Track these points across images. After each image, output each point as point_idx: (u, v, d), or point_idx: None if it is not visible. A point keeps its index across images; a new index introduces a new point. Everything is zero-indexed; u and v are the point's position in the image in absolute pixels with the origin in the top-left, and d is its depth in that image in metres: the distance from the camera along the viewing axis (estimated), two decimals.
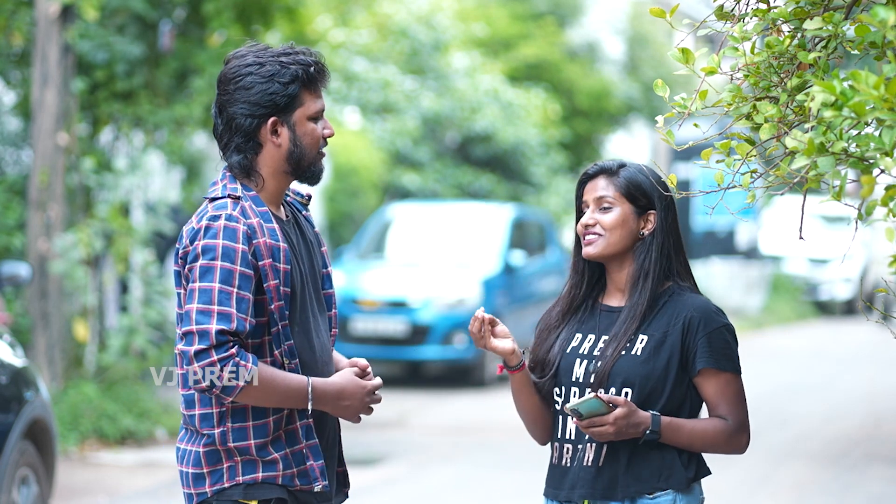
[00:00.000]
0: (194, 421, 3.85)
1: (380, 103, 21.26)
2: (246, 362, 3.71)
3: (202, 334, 3.70)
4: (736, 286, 26.23)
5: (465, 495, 9.69)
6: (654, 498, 3.92)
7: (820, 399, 15.20)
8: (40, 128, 11.77)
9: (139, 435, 11.54)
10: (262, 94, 3.83)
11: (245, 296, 3.75)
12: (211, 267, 3.75)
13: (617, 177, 4.02)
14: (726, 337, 3.97)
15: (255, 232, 3.79)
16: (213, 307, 3.72)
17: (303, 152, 3.88)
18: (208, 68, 12.31)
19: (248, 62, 3.85)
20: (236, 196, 3.83)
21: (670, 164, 25.40)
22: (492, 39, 24.74)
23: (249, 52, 3.89)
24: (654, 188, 4.02)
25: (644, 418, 3.87)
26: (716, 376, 3.95)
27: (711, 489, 9.50)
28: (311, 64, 3.87)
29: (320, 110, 3.90)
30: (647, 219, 4.03)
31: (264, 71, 3.83)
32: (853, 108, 2.96)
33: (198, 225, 3.80)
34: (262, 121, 3.84)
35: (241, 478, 3.81)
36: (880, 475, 10.69)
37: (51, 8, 11.74)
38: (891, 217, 3.15)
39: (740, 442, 3.98)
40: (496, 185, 21.63)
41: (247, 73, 3.84)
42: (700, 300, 4.00)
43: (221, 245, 3.75)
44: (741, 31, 3.34)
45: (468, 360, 15.56)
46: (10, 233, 12.04)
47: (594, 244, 4.02)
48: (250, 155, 3.87)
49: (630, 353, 3.95)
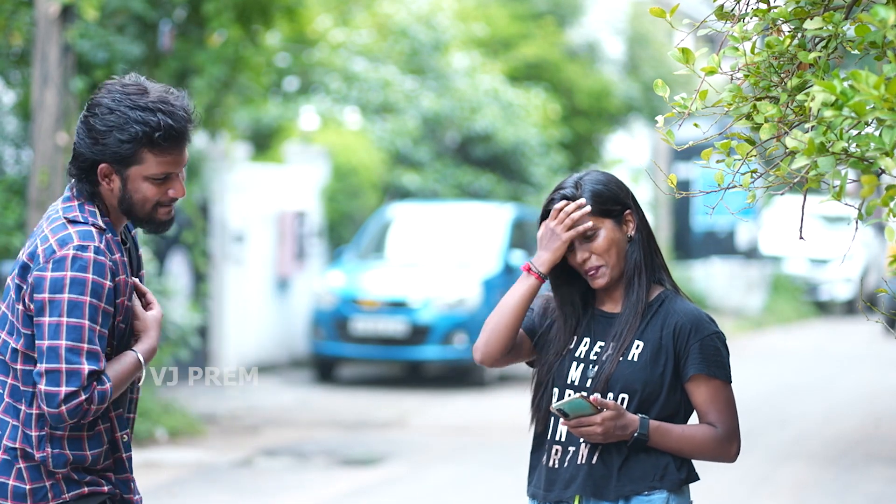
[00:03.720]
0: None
1: (380, 103, 21.25)
2: (104, 385, 3.71)
3: (72, 374, 3.66)
4: (736, 286, 26.23)
5: (465, 495, 9.68)
6: (649, 496, 3.91)
7: (820, 399, 15.19)
8: (40, 128, 11.77)
9: (139, 435, 11.54)
10: (99, 139, 3.73)
11: (105, 333, 3.74)
12: (80, 302, 3.68)
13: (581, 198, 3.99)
14: (717, 344, 3.95)
15: (117, 269, 3.76)
16: (83, 345, 3.67)
17: (132, 206, 3.80)
18: (208, 68, 12.31)
19: (105, 101, 3.75)
20: (101, 227, 3.76)
21: (670, 164, 25.40)
22: (492, 39, 24.72)
23: (115, 90, 3.77)
24: (616, 190, 4.00)
25: (632, 421, 3.87)
26: (706, 383, 3.94)
27: (711, 489, 9.50)
28: (164, 128, 3.72)
29: (164, 172, 3.77)
30: (627, 221, 4.01)
31: (110, 119, 3.72)
32: (853, 108, 2.95)
33: (60, 251, 3.70)
34: (97, 161, 3.75)
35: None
36: (880, 475, 10.68)
37: (51, 8, 11.73)
38: (891, 217, 3.14)
39: (730, 450, 3.96)
40: (496, 185, 21.61)
41: (97, 112, 3.75)
42: (691, 307, 3.99)
43: (91, 280, 3.68)
44: (741, 30, 3.34)
45: (468, 360, 15.55)
46: (9, 233, 12.04)
47: (601, 276, 3.99)
48: (92, 184, 3.80)
49: (627, 360, 3.94)
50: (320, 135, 19.18)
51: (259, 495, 9.83)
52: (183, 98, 3.81)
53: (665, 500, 3.92)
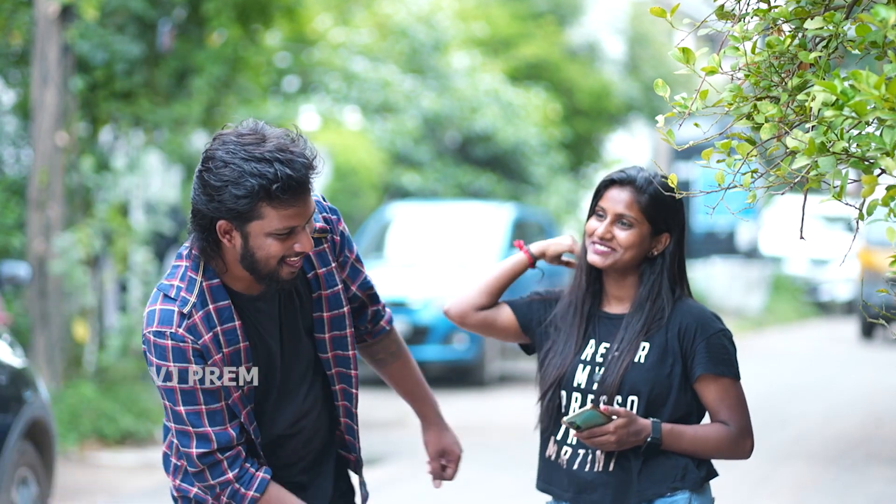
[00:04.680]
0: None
1: (380, 103, 21.25)
2: (247, 490, 3.62)
3: (188, 457, 3.62)
4: (736, 286, 26.22)
5: (465, 495, 9.67)
6: (672, 497, 3.91)
7: (820, 399, 15.19)
8: (39, 127, 11.76)
9: (139, 435, 11.53)
10: (214, 196, 3.45)
11: (215, 408, 3.58)
12: (171, 389, 3.56)
13: (643, 194, 3.96)
14: (724, 342, 3.94)
15: (208, 350, 3.56)
16: (189, 429, 3.58)
17: (255, 264, 3.52)
18: (208, 68, 12.30)
19: (219, 153, 3.46)
20: (184, 310, 3.54)
21: (671, 164, 25.40)
22: (492, 39, 24.73)
23: (230, 140, 3.47)
24: (674, 211, 3.98)
25: (644, 426, 3.86)
26: (714, 382, 3.92)
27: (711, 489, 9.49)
28: (282, 179, 3.40)
29: (287, 227, 3.47)
30: (660, 240, 4.00)
31: (224, 173, 3.43)
32: (854, 108, 2.94)
33: (144, 330, 3.58)
34: (215, 218, 3.49)
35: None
36: (881, 475, 10.67)
37: (50, 7, 11.73)
38: (891, 217, 3.13)
39: (744, 447, 3.95)
40: (496, 185, 21.62)
41: (210, 167, 3.47)
42: (697, 306, 3.98)
43: (175, 369, 3.54)
44: (742, 30, 3.33)
45: (468, 360, 15.55)
46: (9, 233, 12.03)
47: (605, 256, 3.97)
48: (211, 242, 3.54)
49: (634, 362, 3.93)
50: (320, 135, 19.18)
51: None
52: (304, 143, 3.50)
53: (688, 499, 3.92)
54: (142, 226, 12.66)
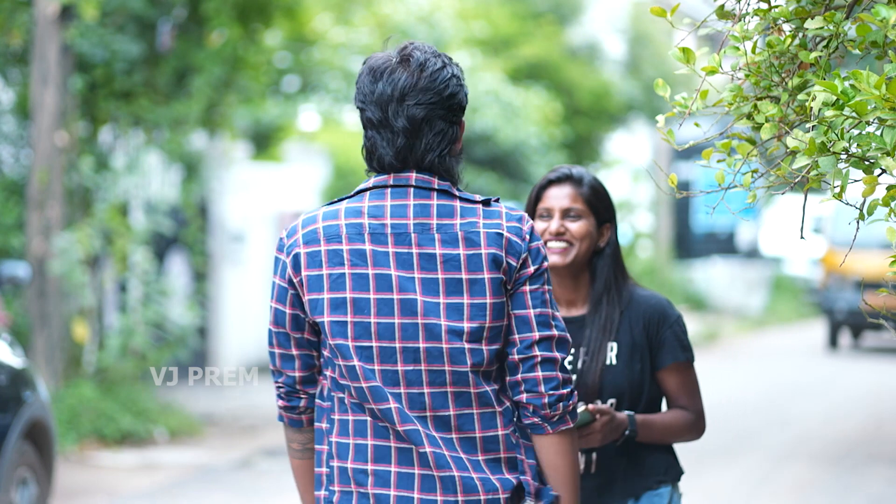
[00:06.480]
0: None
1: None
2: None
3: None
4: (737, 286, 26.22)
5: None
6: (658, 490, 4.00)
7: (820, 399, 15.18)
8: (39, 127, 11.76)
9: (138, 435, 11.52)
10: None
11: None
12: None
13: (583, 187, 4.03)
14: (684, 328, 4.06)
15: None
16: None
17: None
18: (207, 67, 12.29)
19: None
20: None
21: (671, 164, 25.39)
22: (492, 39, 24.72)
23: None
24: (610, 201, 4.08)
25: (622, 420, 3.92)
26: (678, 369, 4.02)
27: (711, 489, 9.48)
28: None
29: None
30: (603, 232, 4.06)
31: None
32: (854, 108, 2.94)
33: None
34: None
35: None
36: (881, 476, 10.67)
37: (50, 7, 11.72)
38: (892, 217, 3.13)
39: (700, 428, 4.07)
40: (496, 184, 21.61)
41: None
42: (649, 294, 4.06)
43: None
44: (742, 30, 3.32)
45: None
46: (9, 233, 12.02)
47: (564, 254, 4.01)
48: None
49: (606, 365, 3.99)
50: (320, 134, 19.17)
51: (259, 495, 9.81)
52: None
53: (670, 492, 4.02)
54: (141, 226, 12.66)
